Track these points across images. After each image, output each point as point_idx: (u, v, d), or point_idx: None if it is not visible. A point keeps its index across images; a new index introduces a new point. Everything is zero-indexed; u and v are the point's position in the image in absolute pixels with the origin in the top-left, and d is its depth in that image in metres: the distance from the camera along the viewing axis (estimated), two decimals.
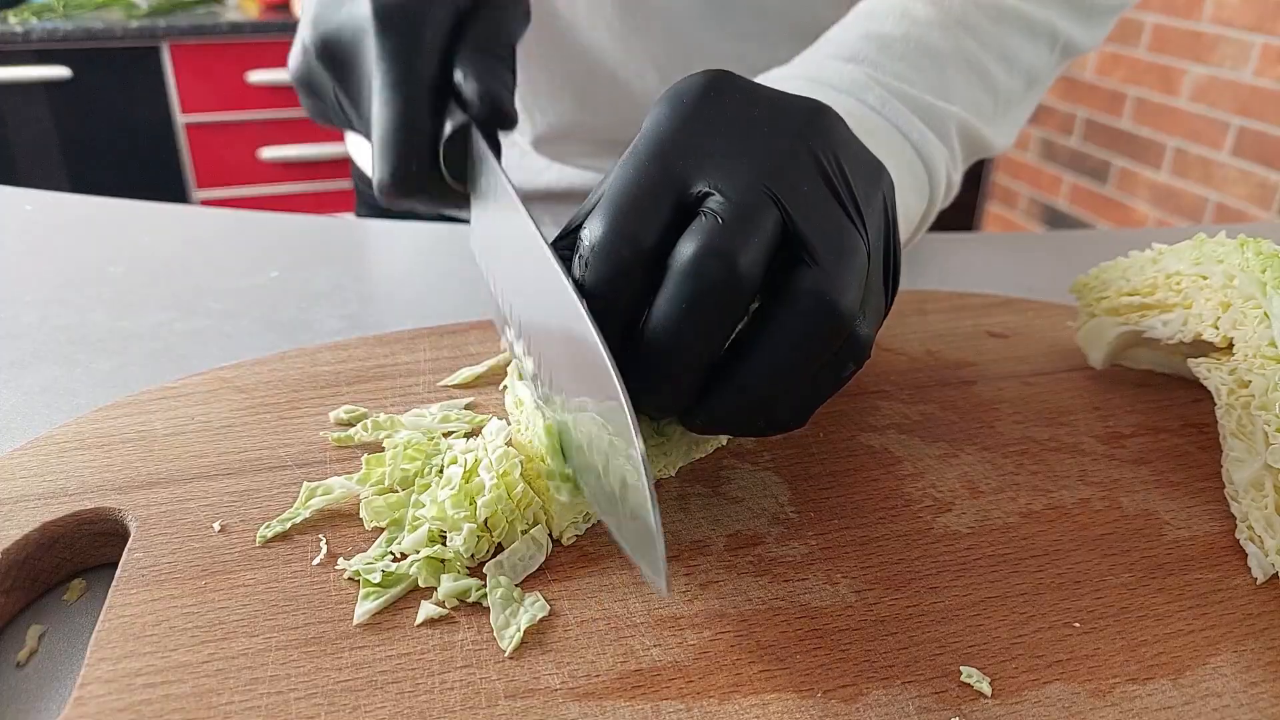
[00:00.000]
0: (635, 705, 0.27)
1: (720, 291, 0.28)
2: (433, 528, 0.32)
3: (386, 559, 0.32)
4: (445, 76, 0.37)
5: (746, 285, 0.29)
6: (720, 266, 0.28)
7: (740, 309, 0.29)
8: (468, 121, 0.37)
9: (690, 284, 0.28)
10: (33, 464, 0.36)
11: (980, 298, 0.55)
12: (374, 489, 0.34)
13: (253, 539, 0.32)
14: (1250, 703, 0.28)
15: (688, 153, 0.30)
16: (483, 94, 0.36)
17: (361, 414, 0.40)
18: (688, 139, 0.31)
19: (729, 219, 0.29)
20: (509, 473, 0.32)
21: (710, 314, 0.29)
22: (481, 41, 0.37)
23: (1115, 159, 2.28)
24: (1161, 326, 0.42)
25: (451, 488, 0.32)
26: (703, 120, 0.31)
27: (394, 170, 0.36)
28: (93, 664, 0.27)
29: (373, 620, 0.30)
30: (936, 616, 0.31)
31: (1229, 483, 0.37)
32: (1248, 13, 1.91)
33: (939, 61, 0.47)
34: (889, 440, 0.41)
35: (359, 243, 0.66)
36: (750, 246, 0.29)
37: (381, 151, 0.36)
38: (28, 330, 0.51)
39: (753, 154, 0.30)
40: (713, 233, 0.29)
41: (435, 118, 0.37)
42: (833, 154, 0.31)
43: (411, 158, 0.36)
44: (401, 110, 0.36)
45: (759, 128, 0.31)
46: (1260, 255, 0.38)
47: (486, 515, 0.32)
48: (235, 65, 2.07)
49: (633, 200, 0.30)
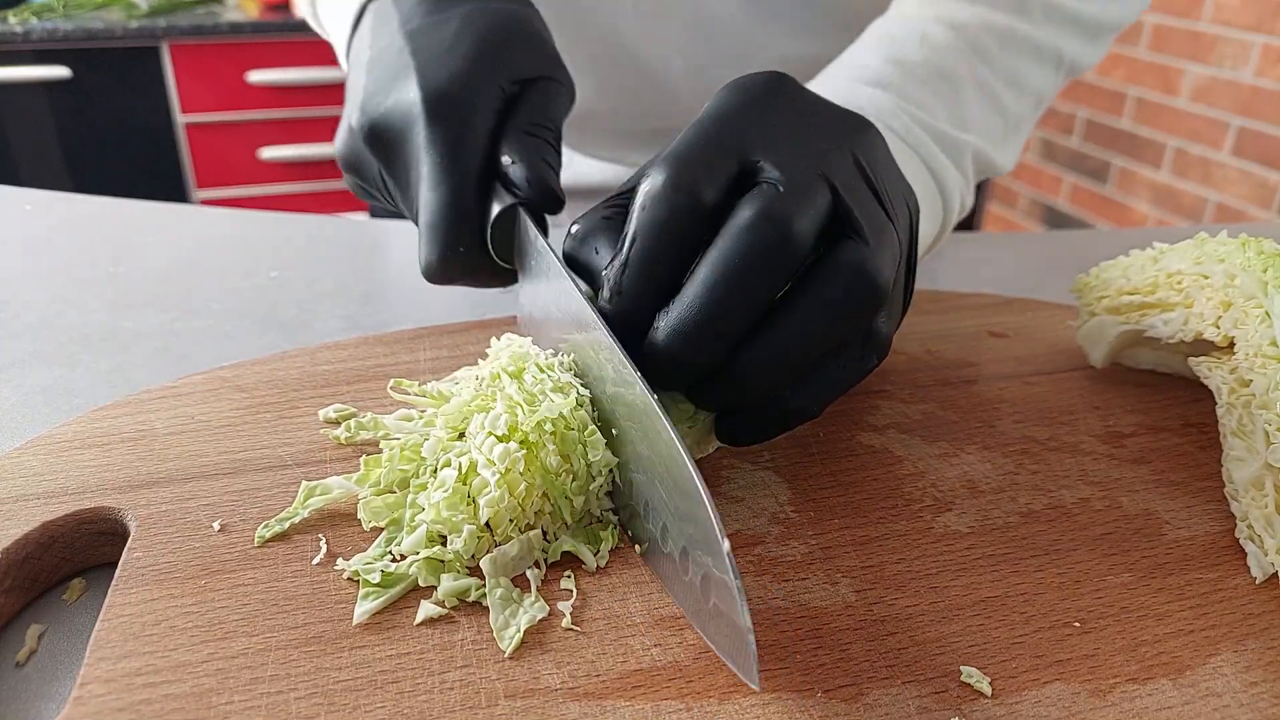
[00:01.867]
0: (635, 705, 0.27)
1: (774, 252, 0.30)
2: (432, 529, 0.32)
3: (386, 559, 0.32)
4: (492, 160, 0.38)
5: (798, 250, 0.31)
6: (777, 229, 0.30)
7: (788, 273, 0.31)
8: (514, 204, 0.37)
9: (747, 240, 0.30)
10: (33, 463, 0.36)
11: (980, 298, 0.55)
12: (372, 490, 0.34)
13: (252, 538, 0.32)
14: (1250, 703, 0.28)
15: (750, 127, 0.33)
16: (531, 179, 0.37)
17: (350, 413, 0.40)
18: (750, 118, 0.33)
19: (788, 189, 0.31)
20: (511, 469, 0.32)
21: (760, 273, 0.30)
22: (528, 124, 0.38)
23: (1115, 159, 2.28)
24: (1162, 325, 0.42)
25: (445, 490, 0.32)
26: (764, 106, 0.34)
27: (442, 254, 0.37)
28: (92, 664, 0.27)
29: (372, 620, 0.30)
30: (936, 616, 0.31)
31: (1229, 482, 0.37)
32: (1248, 13, 1.91)
33: (957, 88, 0.49)
34: (889, 440, 0.41)
35: (359, 243, 0.66)
36: (806, 216, 0.31)
37: (429, 235, 0.37)
38: (28, 330, 0.51)
39: (808, 143, 0.33)
40: (773, 198, 0.31)
41: (482, 202, 0.37)
42: (873, 163, 0.34)
43: (459, 241, 0.37)
44: (450, 196, 0.37)
45: (813, 126, 0.34)
46: (1262, 254, 0.38)
47: (489, 516, 0.32)
48: (235, 65, 2.07)
49: (694, 156, 0.32)
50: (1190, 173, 2.09)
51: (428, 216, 0.37)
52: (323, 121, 2.18)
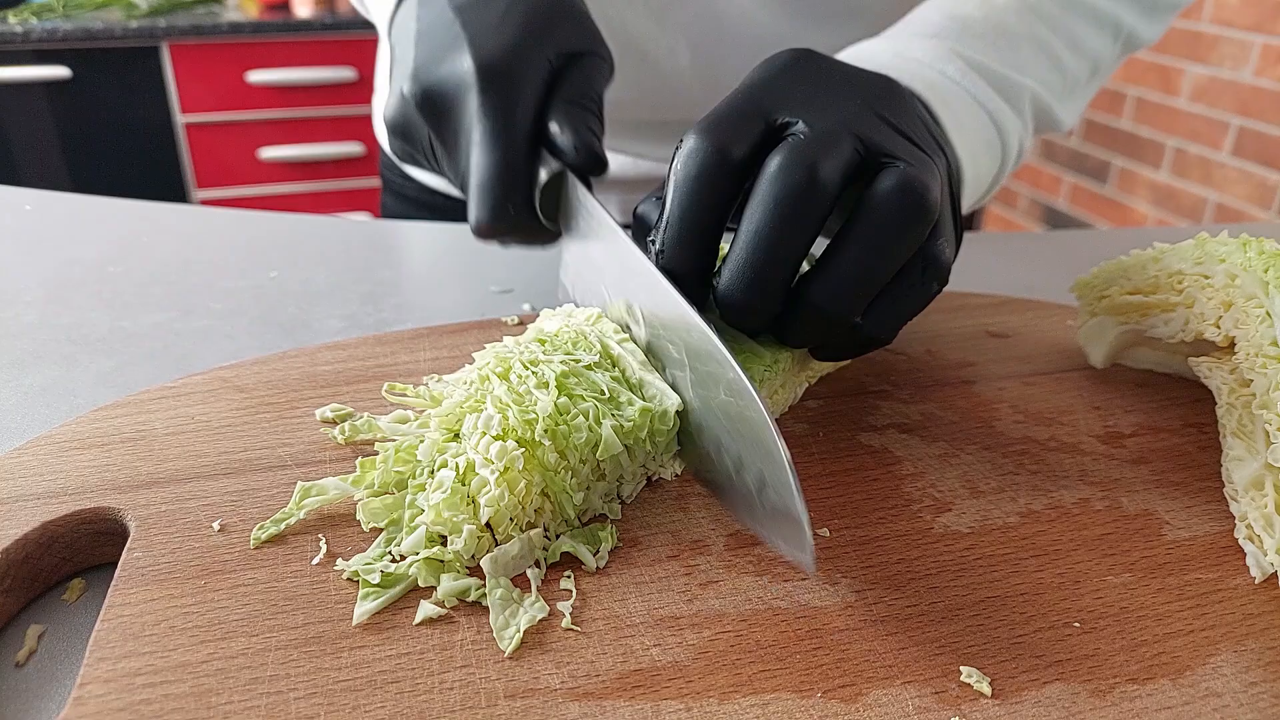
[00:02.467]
0: (635, 705, 0.27)
1: (803, 192, 0.33)
2: (431, 530, 0.32)
3: (385, 559, 0.32)
4: (540, 128, 0.40)
5: (826, 189, 0.33)
6: (802, 171, 0.33)
7: (820, 212, 0.34)
8: (562, 169, 0.39)
9: (776, 186, 0.33)
10: (33, 463, 0.36)
11: (980, 298, 0.55)
12: (368, 491, 0.34)
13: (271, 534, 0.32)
14: (1250, 702, 0.28)
15: (777, 93, 0.36)
16: (578, 144, 0.39)
17: (347, 413, 0.40)
18: (777, 86, 0.36)
19: (811, 137, 0.34)
20: (510, 467, 0.32)
21: (794, 215, 0.33)
22: (573, 95, 0.40)
23: (1115, 159, 2.28)
24: (1163, 326, 0.42)
25: (444, 491, 0.32)
26: (791, 74, 0.37)
27: (492, 211, 0.38)
28: (92, 664, 0.27)
29: (372, 620, 0.30)
30: (936, 616, 0.31)
31: (1229, 482, 0.37)
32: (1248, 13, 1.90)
33: (1014, 41, 0.51)
34: (889, 440, 0.41)
35: (359, 243, 0.66)
36: (830, 158, 0.34)
37: (480, 195, 0.39)
38: (28, 330, 0.51)
39: (833, 101, 0.36)
40: (796, 146, 0.34)
41: (531, 165, 0.39)
42: (900, 119, 0.37)
43: (509, 201, 0.38)
44: (501, 159, 0.38)
45: (839, 88, 0.37)
46: (1263, 254, 0.38)
47: (490, 515, 0.32)
48: (235, 65, 2.07)
49: (724, 119, 0.35)
50: (1190, 173, 2.09)
51: (480, 177, 0.38)
52: (323, 121, 2.18)
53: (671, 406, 0.35)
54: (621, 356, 0.37)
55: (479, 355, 0.37)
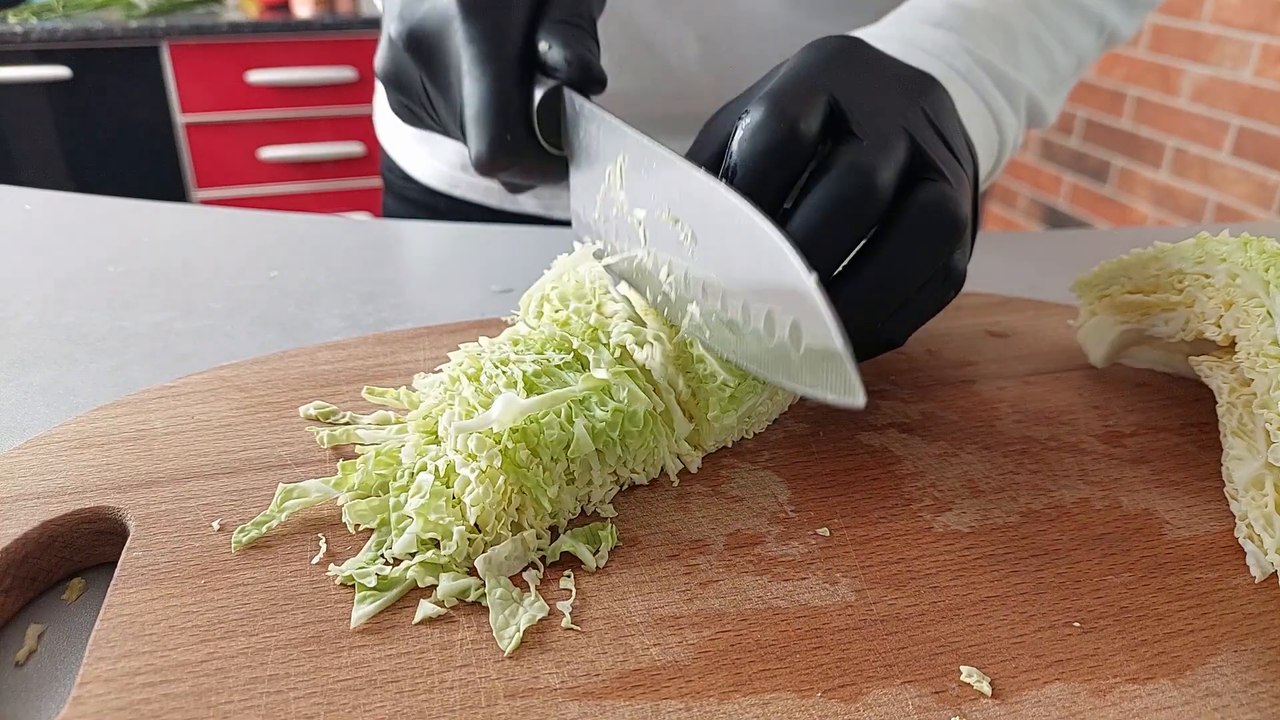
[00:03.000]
0: (635, 705, 0.27)
1: (860, 199, 0.33)
2: (421, 535, 0.32)
3: (379, 563, 0.31)
4: (531, 51, 0.38)
5: (882, 196, 0.34)
6: (863, 179, 0.33)
7: (873, 217, 0.34)
8: (557, 85, 0.38)
9: (836, 189, 0.33)
10: (32, 463, 0.36)
11: (980, 298, 0.55)
12: (351, 494, 0.34)
13: (253, 538, 0.32)
14: (1250, 702, 0.28)
15: (836, 74, 0.36)
16: (570, 58, 0.37)
17: (331, 410, 0.40)
18: (835, 68, 0.36)
19: (872, 140, 0.34)
20: (490, 464, 0.32)
21: (849, 218, 0.33)
22: (563, 14, 0.39)
23: (1115, 159, 2.28)
24: (1163, 325, 0.42)
25: (422, 496, 0.32)
26: (845, 60, 0.37)
27: (491, 141, 0.37)
28: (92, 663, 0.27)
29: (372, 620, 0.29)
30: (936, 616, 0.31)
31: (1229, 481, 0.37)
32: (1248, 13, 1.90)
33: (1012, 36, 0.52)
34: (889, 440, 0.41)
35: (359, 243, 0.66)
36: (888, 166, 0.34)
37: (476, 126, 0.37)
38: (28, 330, 0.51)
39: (887, 97, 0.36)
40: (859, 150, 0.34)
41: (524, 88, 0.38)
42: (940, 117, 0.37)
43: (506, 128, 0.37)
44: (492, 84, 0.37)
45: (890, 81, 0.37)
46: (1263, 254, 0.38)
47: (477, 515, 0.32)
48: (235, 65, 2.07)
49: (791, 94, 0.35)
50: (1190, 173, 2.09)
51: (473, 108, 0.37)
52: (323, 121, 2.18)
53: (642, 409, 0.35)
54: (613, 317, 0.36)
55: (454, 355, 0.37)
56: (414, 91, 0.42)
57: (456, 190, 0.75)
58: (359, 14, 2.12)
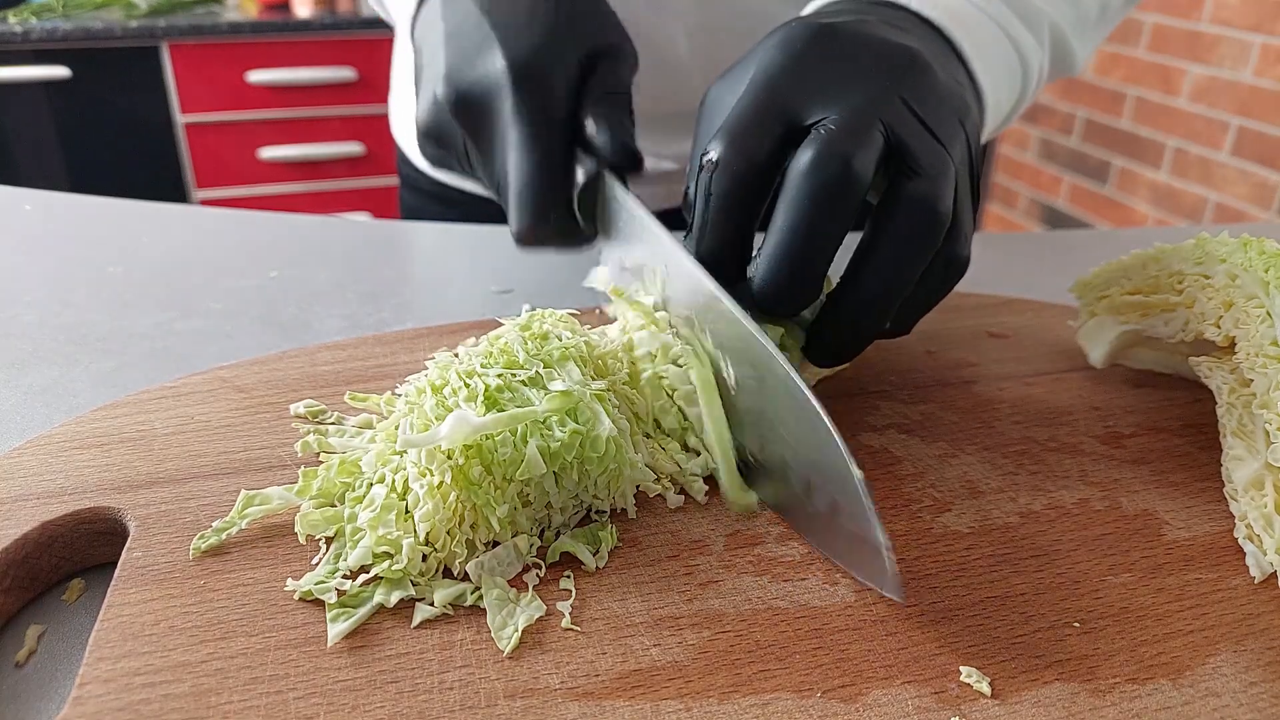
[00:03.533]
0: (635, 705, 0.27)
1: (836, 186, 0.33)
2: (374, 549, 0.31)
3: (337, 577, 0.31)
4: (574, 127, 0.39)
5: (858, 183, 0.33)
6: (837, 165, 0.33)
7: (853, 206, 0.34)
8: (598, 170, 0.39)
9: (810, 182, 0.33)
10: (32, 464, 0.36)
11: (980, 298, 0.55)
12: (313, 501, 0.34)
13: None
14: (1250, 703, 0.28)
15: (797, 86, 0.36)
16: (614, 143, 0.38)
17: (320, 409, 0.40)
18: (798, 75, 0.36)
19: (842, 130, 0.34)
20: (442, 480, 0.31)
21: (827, 211, 0.33)
22: (604, 90, 0.40)
23: (1115, 159, 2.28)
24: (1163, 326, 0.42)
25: (373, 510, 0.32)
26: (811, 59, 0.36)
27: (534, 220, 0.38)
28: (91, 664, 0.27)
29: (372, 620, 0.29)
30: (936, 616, 0.31)
31: (1228, 482, 0.37)
32: (1248, 13, 1.90)
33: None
34: (889, 440, 0.41)
35: (359, 243, 0.66)
36: (861, 151, 0.33)
37: (519, 205, 0.38)
38: (28, 330, 0.51)
39: (857, 89, 0.35)
40: (828, 140, 0.34)
41: (568, 169, 0.39)
42: (922, 96, 0.36)
43: (549, 208, 0.38)
44: (539, 165, 0.38)
45: (860, 70, 0.36)
46: (1263, 255, 0.38)
47: (426, 530, 0.31)
48: (235, 65, 2.07)
49: (747, 124, 0.35)
50: (1190, 173, 2.09)
51: (516, 185, 0.38)
52: (323, 121, 2.18)
53: (604, 433, 0.33)
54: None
55: (429, 364, 0.37)
56: (454, 149, 0.43)
57: (469, 185, 0.76)
58: (359, 14, 2.12)
